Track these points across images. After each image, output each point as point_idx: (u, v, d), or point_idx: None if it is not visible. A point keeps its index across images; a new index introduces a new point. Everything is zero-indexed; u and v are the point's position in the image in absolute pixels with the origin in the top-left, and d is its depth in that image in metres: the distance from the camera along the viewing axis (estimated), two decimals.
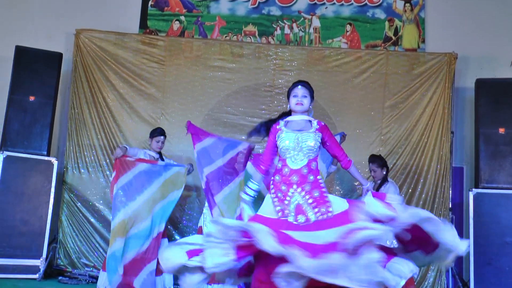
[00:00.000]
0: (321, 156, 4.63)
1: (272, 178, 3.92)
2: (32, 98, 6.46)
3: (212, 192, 5.41)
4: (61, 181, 6.73)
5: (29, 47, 6.58)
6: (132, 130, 6.86)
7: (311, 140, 3.91)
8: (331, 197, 3.78)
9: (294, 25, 7.51)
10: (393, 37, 7.46)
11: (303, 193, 3.76)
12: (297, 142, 3.89)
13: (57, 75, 6.65)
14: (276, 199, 3.79)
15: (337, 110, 6.98)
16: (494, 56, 7.33)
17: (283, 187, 3.82)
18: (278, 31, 7.51)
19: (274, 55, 7.13)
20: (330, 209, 3.64)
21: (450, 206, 6.70)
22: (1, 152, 6.21)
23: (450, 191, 6.72)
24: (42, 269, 6.18)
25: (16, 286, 5.47)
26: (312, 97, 4.08)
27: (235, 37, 7.48)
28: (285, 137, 3.91)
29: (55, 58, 6.65)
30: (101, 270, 5.61)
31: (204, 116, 6.94)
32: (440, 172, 6.75)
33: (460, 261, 6.84)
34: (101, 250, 6.62)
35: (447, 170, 6.75)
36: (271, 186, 3.89)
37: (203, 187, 5.49)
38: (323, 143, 4.03)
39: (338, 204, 3.72)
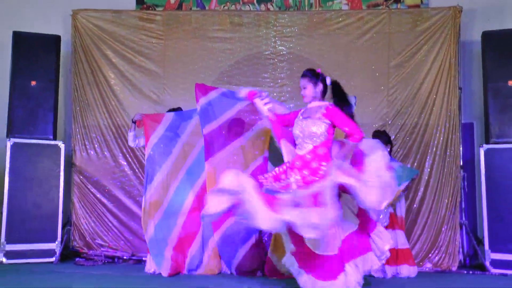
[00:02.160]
0: None
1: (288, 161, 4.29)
2: (33, 83, 6.43)
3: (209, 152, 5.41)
4: (69, 163, 6.75)
5: (27, 32, 6.52)
6: (135, 108, 6.80)
7: (314, 126, 4.14)
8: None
9: None
10: None
11: (298, 175, 4.05)
12: (302, 130, 4.20)
13: (57, 58, 6.60)
14: (274, 172, 4.21)
15: (341, 73, 6.80)
16: (501, 6, 7.09)
17: (288, 170, 4.15)
18: None
19: (274, 22, 7.00)
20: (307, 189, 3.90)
21: (461, 163, 6.61)
22: (8, 139, 6.23)
23: (461, 148, 6.62)
24: (58, 252, 6.26)
25: (33, 271, 5.53)
26: (315, 81, 4.34)
27: (233, 6, 7.33)
28: (296, 125, 4.26)
29: (53, 41, 6.59)
30: (148, 254, 5.61)
31: None
32: (450, 129, 6.63)
33: (474, 217, 6.81)
34: (115, 230, 6.70)
35: (456, 127, 6.63)
36: (284, 165, 4.25)
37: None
38: (335, 125, 4.20)
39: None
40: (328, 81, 4.42)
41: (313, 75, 4.38)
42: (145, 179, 5.58)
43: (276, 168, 4.31)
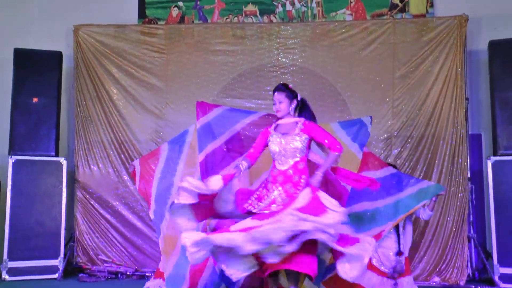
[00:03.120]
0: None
1: (266, 177, 4.29)
2: (35, 100, 6.43)
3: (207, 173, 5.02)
4: (72, 180, 6.73)
5: (28, 49, 6.54)
6: (138, 123, 6.80)
7: (295, 142, 4.19)
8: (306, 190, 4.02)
9: (296, 0, 7.26)
10: (400, 4, 7.14)
11: (281, 189, 4.11)
12: (282, 146, 4.21)
13: (59, 74, 6.58)
14: (256, 195, 4.18)
15: (345, 85, 6.76)
16: (508, 15, 6.94)
17: (269, 185, 4.19)
18: (280, 8, 7.27)
19: (277, 34, 6.93)
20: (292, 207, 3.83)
21: (469, 175, 6.48)
22: (10, 156, 6.23)
23: (468, 160, 6.49)
24: (61, 268, 6.23)
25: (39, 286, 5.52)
26: (291, 97, 4.32)
27: (235, 18, 7.28)
28: (272, 142, 4.26)
29: (55, 57, 6.59)
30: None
31: (209, 102, 6.78)
32: (457, 141, 6.50)
33: (483, 230, 6.66)
34: (119, 245, 6.66)
35: (463, 138, 6.50)
36: (263, 184, 4.25)
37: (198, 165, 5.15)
38: (314, 139, 4.26)
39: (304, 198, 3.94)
40: (299, 97, 4.45)
41: (290, 91, 4.39)
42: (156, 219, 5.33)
43: (260, 188, 4.31)
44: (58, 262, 6.25)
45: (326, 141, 4.22)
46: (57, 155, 6.48)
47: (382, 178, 5.51)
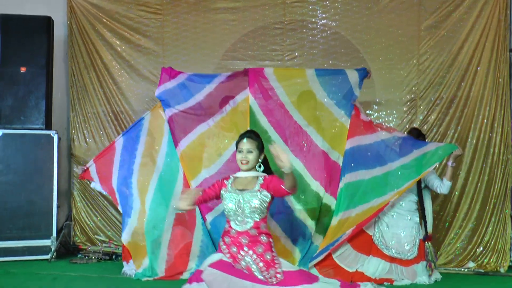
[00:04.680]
0: None
1: (222, 239, 3.77)
2: (23, 70, 5.99)
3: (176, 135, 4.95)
4: (68, 154, 6.33)
5: (15, 14, 6.07)
6: (134, 91, 6.26)
7: (255, 200, 3.63)
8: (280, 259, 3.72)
9: None
10: None
11: (254, 255, 3.62)
12: (238, 205, 3.68)
13: (48, 41, 6.04)
14: (230, 259, 3.67)
15: (363, 41, 5.89)
16: None
17: (234, 249, 3.68)
18: None
19: None
20: (279, 270, 3.57)
21: None
22: None
23: None
24: (53, 248, 5.85)
25: (23, 269, 5.20)
26: (261, 149, 3.84)
27: None
28: (228, 199, 3.75)
29: (43, 22, 6.05)
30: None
31: (210, 66, 6.13)
32: (497, 102, 5.52)
33: None
34: (118, 223, 6.17)
35: (506, 100, 5.50)
36: (223, 247, 3.73)
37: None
38: (272, 191, 3.71)
39: (286, 265, 3.68)
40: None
41: (259, 140, 3.83)
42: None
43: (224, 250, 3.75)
44: (50, 242, 5.87)
45: (282, 186, 3.62)
46: (48, 128, 6.05)
47: (379, 142, 4.73)
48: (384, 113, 5.72)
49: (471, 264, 5.32)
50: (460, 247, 5.43)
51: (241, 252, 3.63)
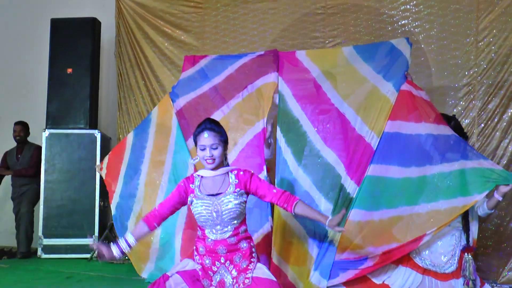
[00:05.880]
0: None
1: (195, 246, 3.16)
2: (69, 71, 6.13)
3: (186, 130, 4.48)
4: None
5: (63, 18, 6.24)
6: None
7: (232, 205, 3.03)
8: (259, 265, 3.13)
9: None
10: None
11: (231, 266, 3.08)
12: (215, 211, 3.05)
13: (93, 42, 6.18)
14: (201, 271, 3.08)
15: (408, 14, 5.18)
16: None
17: (207, 261, 3.10)
18: None
19: None
20: (249, 275, 3.03)
21: None
22: (43, 130, 6.01)
23: None
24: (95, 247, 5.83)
25: (59, 267, 5.25)
26: (226, 141, 3.15)
27: None
28: (200, 207, 3.05)
29: (89, 24, 6.20)
30: None
31: None
32: None
33: None
34: None
35: None
36: (196, 257, 3.15)
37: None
38: (254, 194, 3.14)
39: (260, 271, 3.06)
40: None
41: (224, 132, 3.16)
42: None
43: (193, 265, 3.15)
44: (91, 241, 5.87)
45: (273, 201, 3.10)
46: (92, 127, 6.10)
47: (423, 136, 3.96)
48: (435, 101, 4.95)
49: None
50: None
51: (216, 264, 3.06)
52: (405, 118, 3.99)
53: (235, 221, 3.07)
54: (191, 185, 3.13)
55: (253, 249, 3.15)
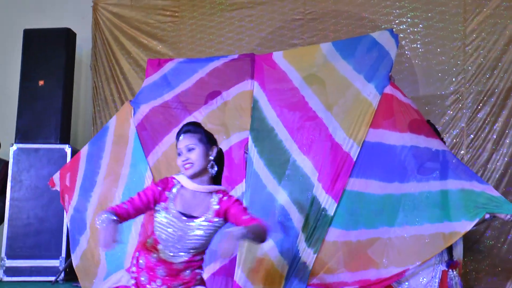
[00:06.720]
0: None
1: (137, 254, 2.66)
2: (41, 83, 5.88)
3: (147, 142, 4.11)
4: None
5: (36, 28, 6.03)
6: None
7: (201, 232, 2.57)
8: None
9: None
10: None
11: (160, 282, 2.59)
12: (179, 233, 2.56)
13: (66, 54, 5.93)
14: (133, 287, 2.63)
15: (393, 17, 4.91)
16: None
17: (143, 278, 2.62)
18: None
19: None
20: None
21: None
22: (11, 145, 5.74)
23: None
24: (61, 269, 5.49)
25: None
26: (208, 143, 2.64)
27: None
28: (165, 220, 2.56)
29: (62, 34, 5.95)
30: None
31: None
32: None
33: None
34: None
35: None
36: (132, 268, 2.66)
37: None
38: (228, 221, 2.62)
39: None
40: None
41: (206, 133, 2.70)
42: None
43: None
44: (58, 263, 5.53)
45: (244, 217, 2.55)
46: (63, 142, 5.81)
47: (407, 148, 3.55)
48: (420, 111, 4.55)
49: None
50: None
51: (152, 284, 2.59)
52: (389, 126, 3.58)
53: (195, 250, 2.61)
54: (167, 192, 2.60)
55: (198, 277, 2.66)
